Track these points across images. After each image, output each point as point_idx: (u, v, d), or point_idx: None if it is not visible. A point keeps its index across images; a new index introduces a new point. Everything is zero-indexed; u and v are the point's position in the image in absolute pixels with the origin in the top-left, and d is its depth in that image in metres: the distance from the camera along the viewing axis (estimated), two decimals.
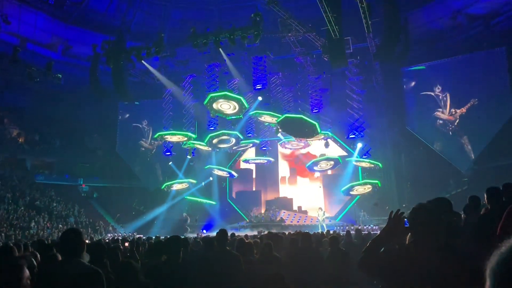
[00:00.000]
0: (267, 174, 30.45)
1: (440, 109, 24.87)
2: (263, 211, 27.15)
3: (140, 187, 31.01)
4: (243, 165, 30.87)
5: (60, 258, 3.98)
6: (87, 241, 3.56)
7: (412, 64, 25.11)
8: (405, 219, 2.82)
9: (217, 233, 5.02)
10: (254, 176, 31.33)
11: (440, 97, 24.80)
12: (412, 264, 2.42)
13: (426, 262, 2.37)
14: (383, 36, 20.06)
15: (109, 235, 24.32)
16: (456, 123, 24.33)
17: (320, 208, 23.41)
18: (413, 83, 26.22)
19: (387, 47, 19.79)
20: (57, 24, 26.95)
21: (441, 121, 24.88)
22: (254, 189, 31.08)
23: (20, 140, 30.90)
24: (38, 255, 4.81)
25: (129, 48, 23.76)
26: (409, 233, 2.77)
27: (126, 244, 7.52)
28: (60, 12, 26.43)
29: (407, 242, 2.84)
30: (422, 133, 25.52)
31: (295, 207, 28.21)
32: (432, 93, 25.01)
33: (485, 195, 4.31)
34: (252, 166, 30.92)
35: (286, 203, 28.23)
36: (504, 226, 3.33)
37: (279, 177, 30.55)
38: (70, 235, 3.19)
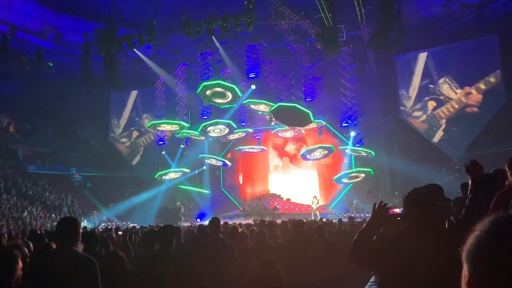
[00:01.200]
0: (256, 164, 30.37)
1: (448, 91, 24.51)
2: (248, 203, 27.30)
3: (133, 177, 30.94)
4: (232, 155, 30.71)
5: (53, 247, 3.98)
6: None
7: (406, 52, 25.09)
8: (389, 210, 2.85)
9: (209, 221, 5.03)
10: (240, 167, 31.27)
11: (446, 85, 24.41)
12: (406, 250, 2.44)
13: (421, 247, 2.39)
14: (376, 24, 19.99)
15: (103, 224, 24.32)
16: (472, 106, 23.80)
17: (315, 197, 23.52)
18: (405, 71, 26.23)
19: (381, 35, 19.73)
20: (47, 11, 26.57)
21: (433, 111, 24.81)
22: (240, 182, 31.06)
23: (11, 130, 30.63)
24: (31, 244, 4.80)
25: (121, 36, 23.49)
26: (400, 220, 2.80)
27: (120, 233, 7.53)
28: None
29: (399, 228, 2.86)
30: (415, 121, 25.61)
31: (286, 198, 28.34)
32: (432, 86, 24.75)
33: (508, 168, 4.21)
34: (238, 157, 30.69)
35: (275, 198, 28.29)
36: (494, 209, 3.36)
37: (272, 167, 30.58)
38: (66, 223, 3.19)
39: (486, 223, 0.99)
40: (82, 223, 23.36)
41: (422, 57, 24.87)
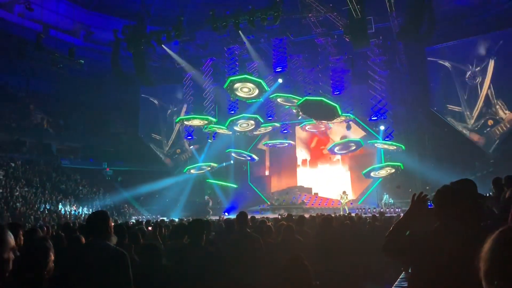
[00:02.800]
0: (284, 158, 30.32)
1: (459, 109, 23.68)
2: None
3: (163, 171, 31.42)
4: (259, 147, 30.74)
5: (83, 240, 4.08)
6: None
7: (438, 43, 24.34)
8: (429, 201, 2.77)
9: (237, 215, 5.05)
10: (268, 161, 31.28)
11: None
12: (440, 248, 2.37)
13: (455, 245, 2.32)
14: (406, 15, 19.50)
15: (134, 217, 24.84)
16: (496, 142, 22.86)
17: (344, 192, 23.32)
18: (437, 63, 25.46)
19: (411, 26, 19.23)
20: (78, 10, 27.22)
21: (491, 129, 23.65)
22: (266, 173, 31.07)
23: (45, 126, 31.62)
24: (64, 237, 4.94)
25: (149, 33, 23.82)
26: (435, 216, 2.72)
27: (150, 228, 7.65)
28: None
29: (433, 225, 2.79)
30: (447, 114, 24.90)
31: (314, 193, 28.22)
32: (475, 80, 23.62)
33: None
34: (266, 150, 30.72)
35: (303, 191, 28.19)
36: None
37: (300, 161, 30.46)
38: (96, 217, 3.26)
39: (502, 235, 1.06)
40: (113, 217, 23.95)
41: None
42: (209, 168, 28.75)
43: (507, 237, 1.03)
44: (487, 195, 5.16)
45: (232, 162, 29.77)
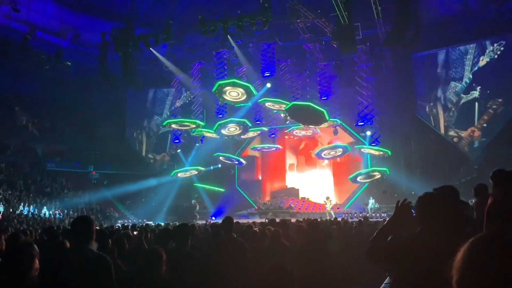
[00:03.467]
0: (273, 162, 30.46)
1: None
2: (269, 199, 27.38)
3: (149, 174, 31.22)
4: (250, 153, 30.83)
5: (68, 245, 4.04)
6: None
7: (423, 50, 24.72)
8: (412, 208, 2.81)
9: (222, 220, 5.04)
10: (259, 164, 31.44)
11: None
12: (421, 252, 2.42)
13: (435, 250, 2.37)
14: (393, 22, 19.78)
15: (119, 221, 24.61)
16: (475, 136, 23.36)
17: (328, 197, 23.45)
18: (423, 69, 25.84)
19: (397, 33, 19.52)
20: (66, 11, 27.01)
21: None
22: (260, 178, 31.19)
23: (30, 128, 31.18)
24: (46, 242, 4.88)
25: (137, 36, 23.74)
26: (417, 222, 2.77)
27: (135, 233, 7.60)
28: None
29: (413, 231, 2.84)
30: (432, 120, 25.24)
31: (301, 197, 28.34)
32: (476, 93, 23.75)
33: (493, 180, 4.17)
34: (258, 154, 30.90)
35: (292, 193, 28.29)
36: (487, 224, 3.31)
37: (287, 165, 30.57)
38: (81, 222, 3.24)
39: (478, 240, 1.05)
40: (99, 220, 23.71)
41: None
42: (196, 172, 28.66)
43: (478, 247, 1.04)
44: (471, 201, 5.24)
45: (219, 166, 29.71)
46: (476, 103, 23.45)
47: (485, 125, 23.21)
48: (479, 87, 23.28)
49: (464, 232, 2.82)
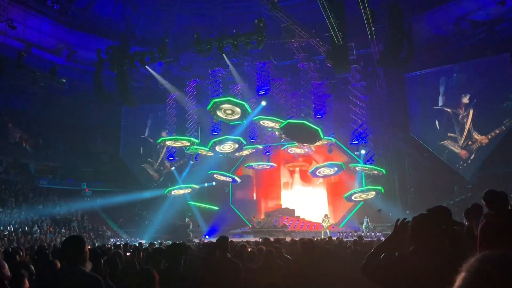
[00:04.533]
0: (267, 180, 30.36)
1: (453, 134, 24.06)
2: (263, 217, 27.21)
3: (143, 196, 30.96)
4: (244, 171, 30.69)
5: (58, 265, 3.96)
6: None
7: (416, 70, 25.05)
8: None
9: (217, 239, 4.98)
10: (254, 182, 31.34)
11: (460, 116, 23.89)
12: (412, 271, 2.45)
13: (426, 269, 2.40)
14: (386, 42, 20.03)
15: (112, 240, 24.31)
16: (470, 159, 23.37)
17: (326, 215, 23.36)
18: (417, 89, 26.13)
19: (391, 53, 19.72)
20: (62, 29, 27.10)
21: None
22: (254, 197, 31.05)
23: (24, 144, 30.99)
24: (36, 262, 4.78)
25: (133, 53, 23.83)
26: (411, 240, 2.80)
27: (128, 254, 7.47)
28: (65, 17, 26.61)
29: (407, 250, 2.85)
30: (426, 139, 25.40)
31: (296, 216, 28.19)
32: (449, 110, 24.41)
33: (485, 200, 4.18)
34: (251, 173, 30.75)
35: (287, 213, 28.14)
36: (480, 245, 3.31)
37: (282, 183, 30.49)
38: (71, 242, 3.18)
39: (472, 263, 1.03)
40: (91, 239, 23.41)
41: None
42: (191, 190, 28.50)
43: (482, 265, 1.03)
44: (465, 221, 5.24)
45: (214, 183, 29.56)
46: (468, 121, 23.71)
47: (487, 141, 23.22)
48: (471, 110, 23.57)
49: (455, 253, 2.83)
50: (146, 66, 24.23)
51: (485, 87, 23.22)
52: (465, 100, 23.85)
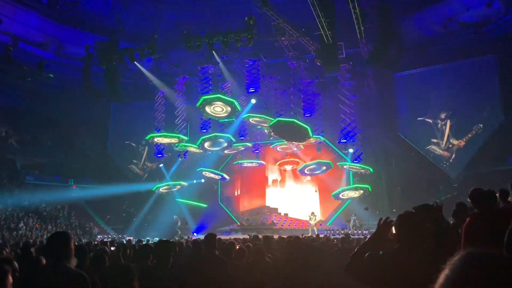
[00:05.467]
0: (254, 178, 30.32)
1: (436, 140, 24.81)
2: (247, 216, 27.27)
3: (132, 190, 30.79)
4: (233, 168, 30.54)
5: (44, 261, 3.94)
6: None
7: (404, 70, 25.29)
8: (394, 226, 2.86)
9: (204, 237, 4.99)
10: (238, 181, 31.27)
11: (439, 125, 24.67)
12: (397, 270, 2.46)
13: (411, 268, 2.41)
14: (375, 41, 20.18)
15: (99, 237, 24.15)
16: (452, 159, 24.18)
17: (313, 213, 23.47)
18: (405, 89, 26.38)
19: (380, 52, 19.90)
20: (50, 23, 26.75)
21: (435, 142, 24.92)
22: (236, 194, 31.04)
23: (10, 140, 30.58)
24: (21, 258, 4.74)
25: (122, 49, 23.66)
26: (395, 239, 2.82)
27: (112, 248, 7.44)
28: (53, 11, 26.24)
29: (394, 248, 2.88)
30: (413, 138, 25.67)
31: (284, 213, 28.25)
32: (430, 120, 24.98)
33: (470, 199, 4.22)
34: (237, 170, 30.60)
35: (271, 211, 28.22)
36: (465, 243, 3.37)
37: (270, 181, 30.54)
38: (57, 238, 3.16)
39: (454, 261, 1.05)
40: (78, 236, 23.23)
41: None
42: (179, 187, 28.41)
43: (464, 264, 1.04)
44: (450, 219, 5.32)
45: (202, 181, 29.50)
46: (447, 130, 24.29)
47: (464, 143, 23.77)
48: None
49: (440, 251, 2.88)
50: (135, 62, 24.08)
51: (470, 88, 23.57)
52: (442, 116, 24.66)
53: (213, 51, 22.62)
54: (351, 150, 24.59)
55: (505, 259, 1.01)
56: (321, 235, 13.66)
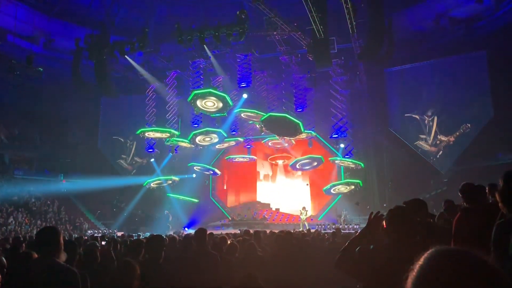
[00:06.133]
0: (243, 173, 30.29)
1: (424, 136, 25.04)
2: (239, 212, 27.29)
3: (121, 184, 30.61)
4: (224, 164, 30.44)
5: (33, 256, 3.89)
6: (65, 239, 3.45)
7: (396, 65, 25.38)
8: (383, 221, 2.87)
9: (195, 232, 4.97)
10: (226, 175, 31.25)
11: (426, 121, 24.92)
12: (388, 264, 2.46)
13: (402, 262, 2.41)
14: (367, 37, 20.20)
15: (89, 232, 24.00)
16: (439, 155, 24.49)
17: (304, 208, 23.52)
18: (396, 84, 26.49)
19: (371, 48, 19.93)
20: (39, 16, 26.38)
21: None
22: (227, 189, 31.02)
23: None
24: (10, 253, 4.69)
25: (112, 43, 23.43)
26: (386, 233, 2.83)
27: (103, 243, 7.40)
28: (43, 4, 25.92)
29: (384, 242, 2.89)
30: (404, 134, 25.83)
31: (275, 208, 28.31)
32: (417, 116, 25.18)
33: (461, 193, 4.22)
34: (226, 165, 30.51)
35: (263, 206, 28.29)
36: (455, 237, 3.39)
37: (262, 176, 30.56)
38: (46, 233, 3.12)
39: (422, 259, 1.06)
40: (67, 231, 23.06)
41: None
42: (170, 182, 28.32)
43: (433, 261, 1.04)
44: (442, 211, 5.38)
45: (194, 176, 29.41)
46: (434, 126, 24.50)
47: (454, 139, 24.02)
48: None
49: (430, 245, 2.89)
50: (126, 56, 23.89)
51: (461, 83, 23.76)
52: (429, 113, 24.96)
53: (205, 45, 22.50)
54: (342, 145, 24.69)
55: (470, 256, 1.00)
56: (312, 230, 13.70)
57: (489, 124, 22.48)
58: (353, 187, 24.78)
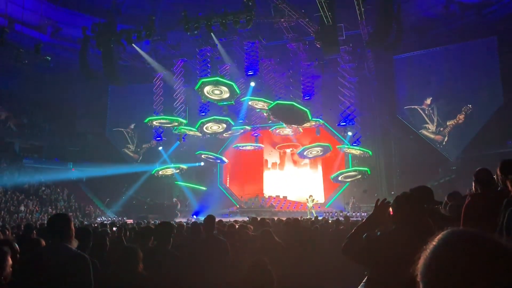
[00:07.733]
0: (251, 161, 30.32)
1: (427, 125, 24.88)
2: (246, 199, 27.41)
3: (130, 172, 30.85)
4: (231, 152, 30.48)
5: (43, 243, 3.96)
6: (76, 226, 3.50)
7: (405, 52, 25.05)
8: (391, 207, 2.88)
9: (204, 219, 5.02)
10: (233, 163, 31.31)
11: (426, 111, 24.77)
12: (394, 250, 2.48)
13: (408, 248, 2.42)
14: (375, 23, 19.97)
15: (99, 219, 24.30)
16: (444, 142, 24.33)
17: (311, 196, 23.56)
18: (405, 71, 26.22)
19: (380, 34, 19.70)
20: (46, 5, 26.41)
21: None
22: (235, 177, 31.07)
23: (8, 123, 30.50)
24: (21, 240, 4.77)
25: (119, 31, 23.37)
26: (392, 220, 2.84)
27: (114, 228, 7.50)
28: None
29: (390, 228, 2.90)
30: (412, 121, 25.63)
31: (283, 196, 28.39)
32: (418, 107, 25.02)
33: (476, 178, 4.19)
34: (234, 153, 30.57)
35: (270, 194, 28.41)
36: (463, 223, 3.38)
37: (270, 164, 30.60)
38: (57, 219, 3.17)
39: (438, 239, 1.05)
40: (77, 218, 23.36)
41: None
42: (178, 170, 28.47)
43: (447, 239, 1.03)
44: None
45: (202, 164, 29.53)
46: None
47: (462, 126, 23.78)
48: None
49: (437, 231, 2.90)
50: (133, 45, 23.84)
51: (471, 70, 23.44)
52: (428, 101, 24.79)
53: (212, 33, 22.36)
54: (350, 133, 24.59)
55: (486, 238, 1.00)
56: (320, 218, 13.74)
57: (498, 111, 22.19)
58: (359, 176, 24.73)
